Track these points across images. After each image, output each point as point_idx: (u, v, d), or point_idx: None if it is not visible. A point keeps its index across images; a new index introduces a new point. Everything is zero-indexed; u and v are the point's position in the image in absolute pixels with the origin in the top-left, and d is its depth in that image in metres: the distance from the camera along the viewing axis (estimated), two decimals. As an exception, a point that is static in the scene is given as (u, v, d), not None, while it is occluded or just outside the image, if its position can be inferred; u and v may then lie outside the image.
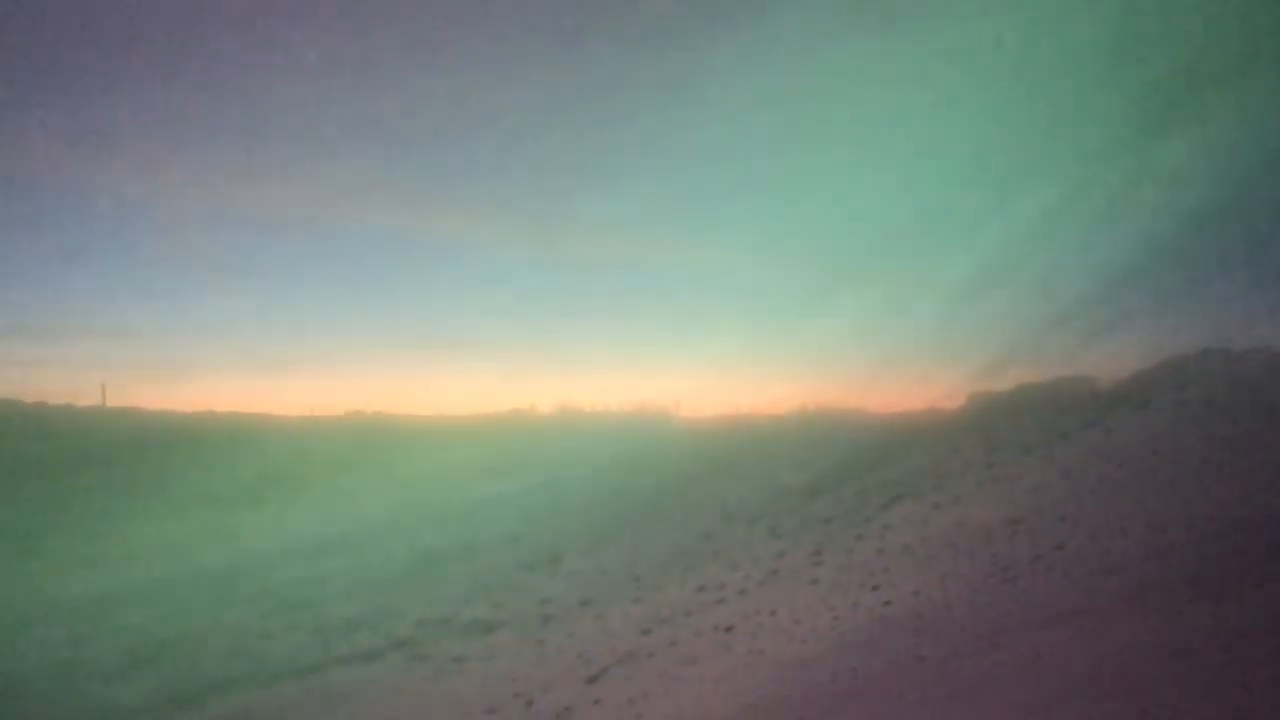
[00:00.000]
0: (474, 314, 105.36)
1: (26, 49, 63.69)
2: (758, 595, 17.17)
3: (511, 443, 47.60)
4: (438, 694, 17.16)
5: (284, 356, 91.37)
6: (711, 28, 67.08)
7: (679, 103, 73.23)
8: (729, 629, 14.66)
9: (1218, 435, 17.61)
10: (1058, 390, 23.68)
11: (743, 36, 62.72)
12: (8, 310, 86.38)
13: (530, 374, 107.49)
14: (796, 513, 26.37)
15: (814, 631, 12.56)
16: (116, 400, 48.52)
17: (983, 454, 23.71)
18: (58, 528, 35.49)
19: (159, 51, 69.37)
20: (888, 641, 10.59)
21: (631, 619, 18.88)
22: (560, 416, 54.50)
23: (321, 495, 39.86)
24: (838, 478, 28.94)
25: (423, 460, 43.88)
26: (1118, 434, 20.21)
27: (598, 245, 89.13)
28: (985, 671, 8.20)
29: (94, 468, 39.59)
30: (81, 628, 26.10)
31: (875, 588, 14.29)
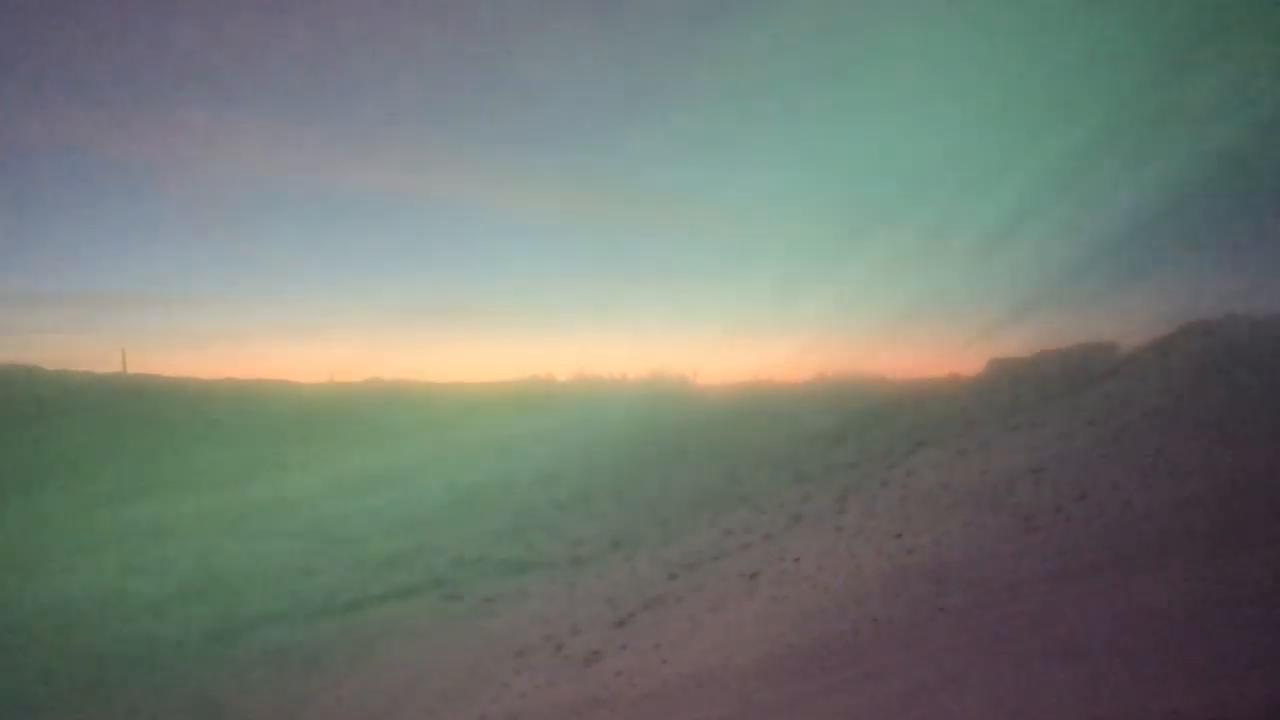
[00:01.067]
0: (491, 281, 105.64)
1: (44, 19, 63.35)
2: (782, 541, 17.46)
3: (532, 409, 47.72)
4: (470, 635, 17.71)
5: (302, 324, 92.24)
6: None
7: (696, 70, 71.69)
8: (754, 575, 14.96)
9: (1240, 383, 17.42)
10: (1077, 357, 23.38)
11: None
12: (28, 278, 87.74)
13: (548, 341, 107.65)
14: (821, 459, 26.57)
15: (837, 579, 12.79)
16: (137, 367, 49.19)
17: (1007, 399, 23.65)
18: (113, 457, 36.48)
19: (176, 18, 68.73)
20: (909, 591, 10.78)
21: (659, 561, 19.28)
22: (578, 383, 54.52)
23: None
24: (863, 424, 29.02)
25: (441, 426, 44.16)
26: (1139, 382, 20.06)
27: (617, 212, 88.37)
28: (1005, 623, 8.35)
29: (137, 416, 40.36)
30: (134, 557, 27.04)
31: (898, 535, 14.48)
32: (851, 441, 28.67)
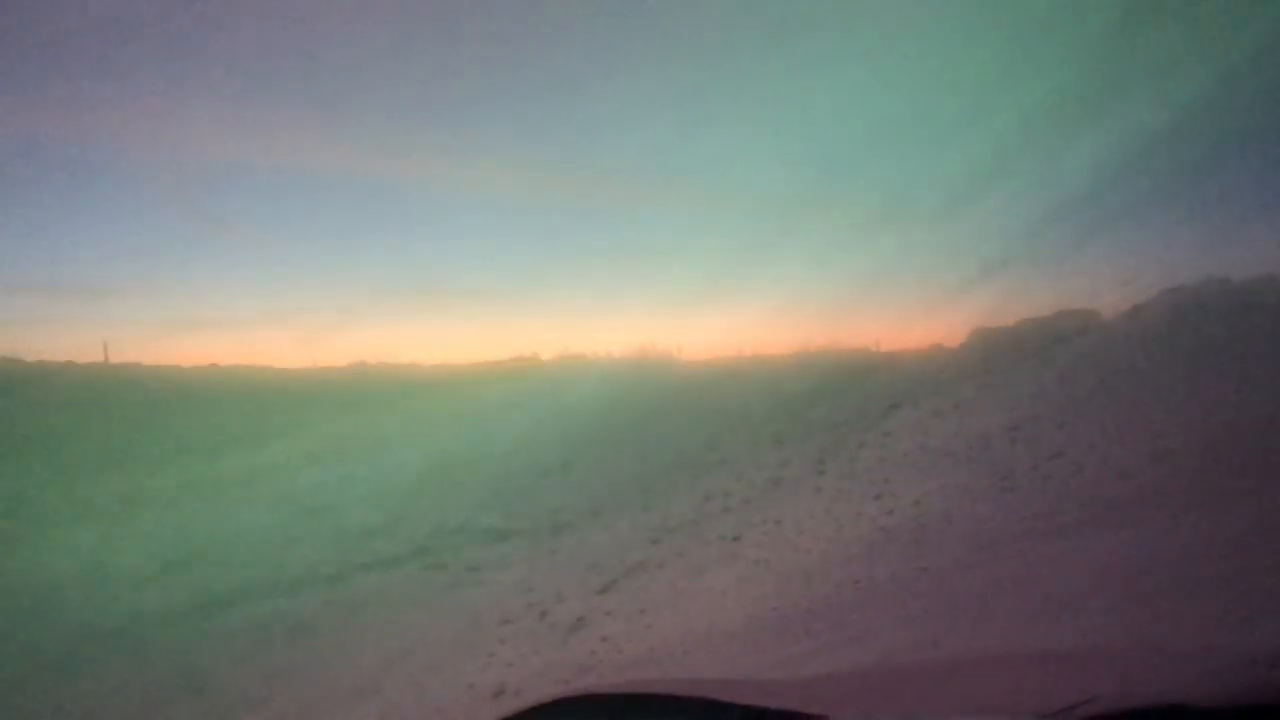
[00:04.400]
0: (472, 263, 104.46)
1: (25, 11, 61.23)
2: (762, 504, 17.57)
3: (516, 386, 47.53)
4: (455, 604, 17.75)
5: (283, 311, 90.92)
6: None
7: (670, 44, 70.69)
8: (735, 539, 15.06)
9: (1209, 334, 17.64)
10: (1059, 325, 23.53)
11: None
12: (9, 269, 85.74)
13: (530, 322, 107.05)
14: (799, 421, 26.70)
15: (818, 542, 12.90)
16: (119, 357, 48.41)
17: (981, 359, 23.82)
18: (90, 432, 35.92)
19: (159, 8, 66.69)
20: (890, 553, 10.89)
21: (641, 527, 19.36)
22: (562, 363, 54.43)
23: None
24: (839, 385, 29.15)
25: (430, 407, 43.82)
26: (1112, 337, 20.26)
27: (593, 190, 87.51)
28: (986, 583, 8.44)
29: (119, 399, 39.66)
30: (114, 529, 26.71)
31: (877, 497, 14.60)
32: (828, 404, 28.82)
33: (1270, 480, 9.21)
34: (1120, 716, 1.56)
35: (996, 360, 22.26)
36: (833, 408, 26.67)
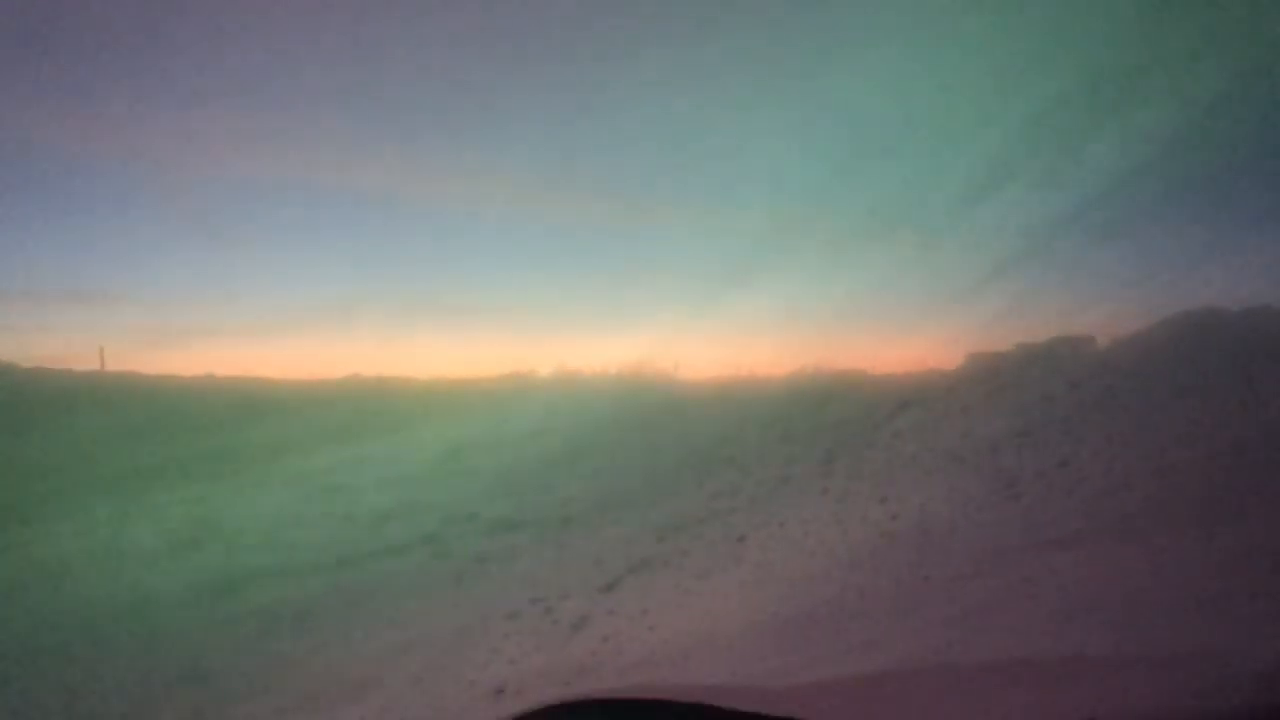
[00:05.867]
0: (468, 277, 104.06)
1: (24, 15, 61.34)
2: (768, 504, 17.62)
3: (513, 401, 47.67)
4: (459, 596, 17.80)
5: (278, 322, 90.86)
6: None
7: (671, 63, 70.56)
8: (740, 539, 15.11)
9: (1218, 348, 17.64)
10: (1056, 350, 23.50)
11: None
12: (4, 276, 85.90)
13: (526, 337, 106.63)
14: (807, 419, 26.76)
15: (823, 546, 12.94)
16: (115, 365, 48.66)
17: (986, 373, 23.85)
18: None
19: (155, 13, 66.76)
20: (894, 559, 10.92)
21: (647, 523, 19.40)
22: (559, 379, 54.59)
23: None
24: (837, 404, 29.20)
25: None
26: (1121, 345, 20.29)
27: (590, 206, 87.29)
28: (989, 593, 8.46)
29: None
30: (125, 505, 26.85)
31: (883, 500, 14.63)
32: (836, 404, 28.83)
33: (1273, 495, 9.22)
34: None
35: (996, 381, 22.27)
36: (841, 407, 26.76)
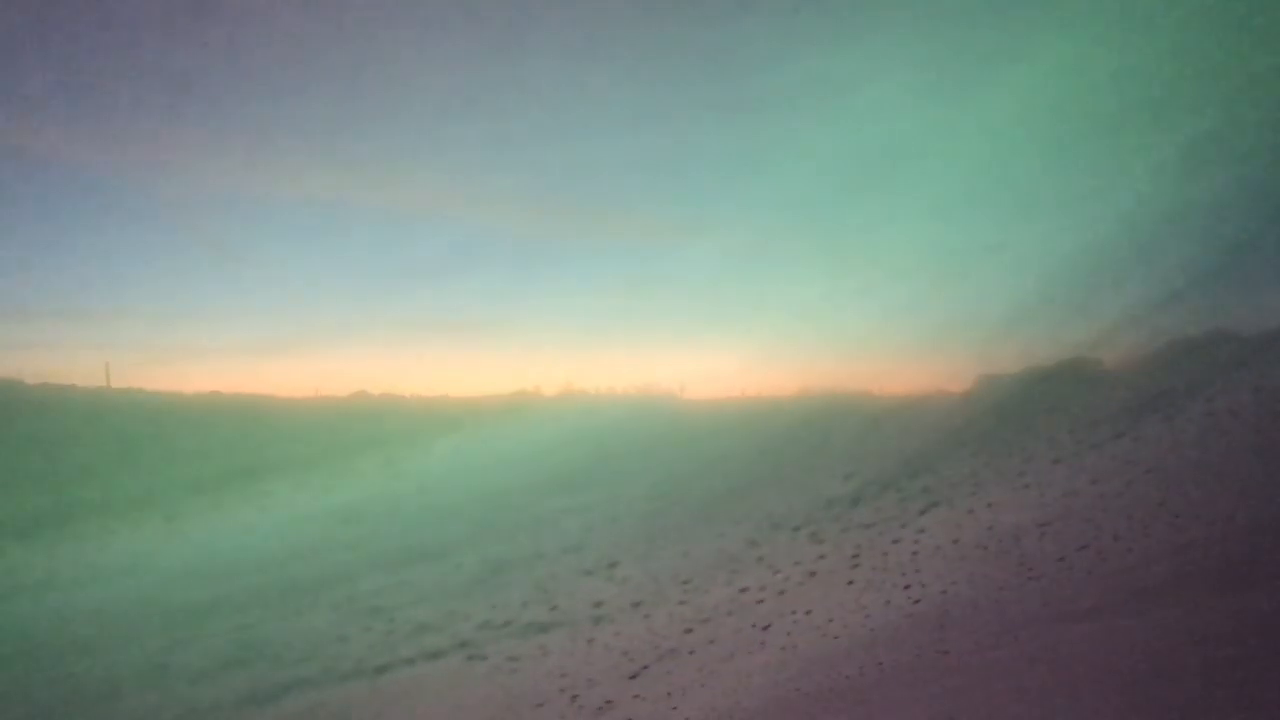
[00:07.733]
0: (476, 296, 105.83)
1: (31, 32, 65.07)
2: (795, 596, 17.65)
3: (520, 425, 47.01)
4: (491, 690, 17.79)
5: (286, 339, 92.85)
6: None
7: (679, 84, 73.16)
8: (766, 627, 15.19)
9: (1240, 442, 17.77)
10: (1064, 373, 23.45)
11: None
12: (12, 293, 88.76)
13: (533, 356, 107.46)
14: (837, 521, 26.75)
15: (846, 629, 13.06)
16: (121, 382, 48.88)
17: (1018, 464, 23.92)
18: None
19: (164, 33, 70.89)
20: (914, 637, 11.06)
21: (676, 618, 19.38)
22: (565, 398, 53.91)
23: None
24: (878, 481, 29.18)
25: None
26: (1144, 439, 20.39)
27: (596, 227, 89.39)
28: (1002, 662, 8.64)
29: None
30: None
31: (906, 587, 14.75)
32: (866, 504, 28.82)
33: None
34: None
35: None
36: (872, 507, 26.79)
